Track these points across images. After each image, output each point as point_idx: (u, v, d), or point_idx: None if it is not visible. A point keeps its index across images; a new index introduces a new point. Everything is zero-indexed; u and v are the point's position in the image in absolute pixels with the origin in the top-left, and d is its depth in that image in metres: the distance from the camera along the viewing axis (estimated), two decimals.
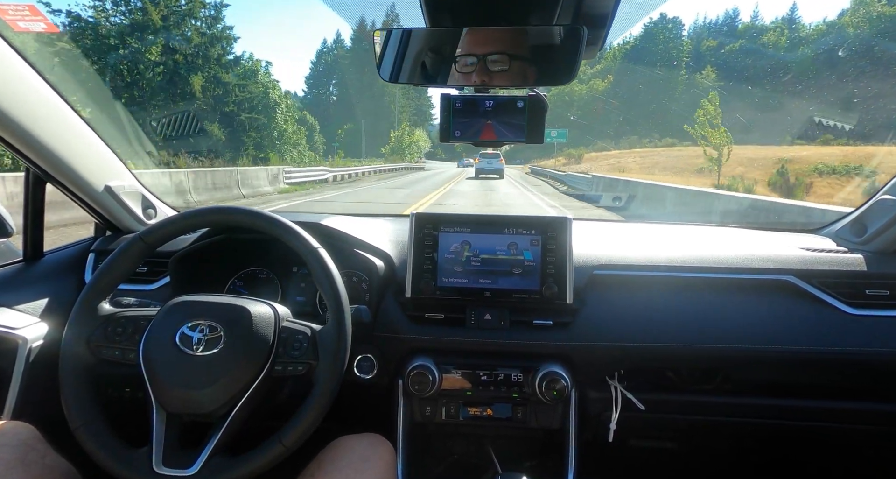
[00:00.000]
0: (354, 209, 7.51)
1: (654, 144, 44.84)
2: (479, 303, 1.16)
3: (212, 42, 26.28)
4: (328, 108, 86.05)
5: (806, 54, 49.69)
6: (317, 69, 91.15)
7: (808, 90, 44.41)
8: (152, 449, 0.79)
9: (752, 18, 71.08)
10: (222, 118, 25.72)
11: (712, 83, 55.22)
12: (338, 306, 0.87)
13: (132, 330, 0.86)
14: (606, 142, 48.71)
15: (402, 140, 49.62)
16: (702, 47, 65.14)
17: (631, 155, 37.91)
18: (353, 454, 0.89)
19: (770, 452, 1.39)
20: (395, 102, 78.16)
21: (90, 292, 0.88)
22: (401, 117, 73.38)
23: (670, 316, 1.16)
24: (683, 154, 30.64)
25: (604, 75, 64.16)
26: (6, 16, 1.37)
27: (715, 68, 57.93)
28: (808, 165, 19.68)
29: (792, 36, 58.72)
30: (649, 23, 62.36)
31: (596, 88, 63.04)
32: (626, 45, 66.06)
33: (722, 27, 71.20)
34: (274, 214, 0.94)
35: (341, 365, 0.85)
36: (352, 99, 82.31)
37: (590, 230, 1.39)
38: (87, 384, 0.83)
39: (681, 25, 68.00)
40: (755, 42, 60.44)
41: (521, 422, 1.16)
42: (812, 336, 1.12)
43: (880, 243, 1.25)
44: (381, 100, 77.05)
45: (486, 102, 0.91)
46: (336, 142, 61.37)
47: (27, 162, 1.16)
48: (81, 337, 0.85)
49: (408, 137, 50.17)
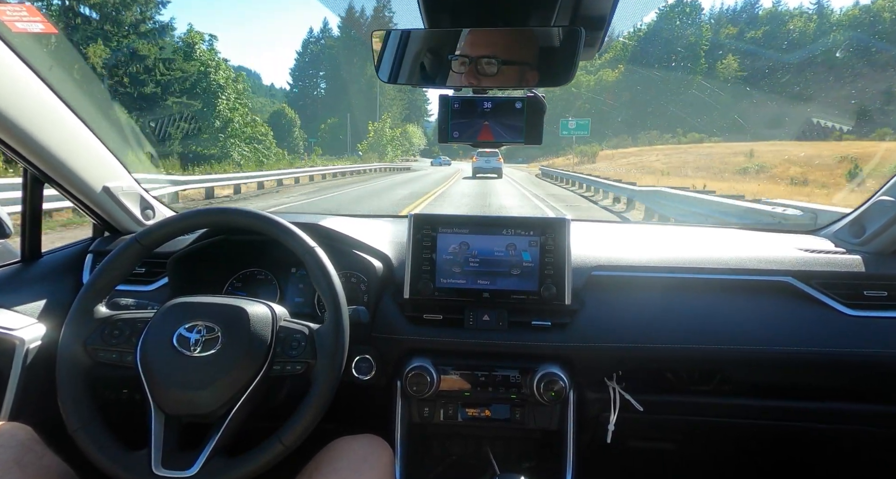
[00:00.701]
0: None
1: (677, 139, 40.95)
2: (478, 304, 1.16)
3: (125, 4, 20.50)
4: (315, 102, 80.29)
5: (837, 41, 45.82)
6: (303, 60, 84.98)
7: (841, 81, 39.95)
8: (151, 451, 0.79)
9: (775, 3, 66.79)
10: (137, 102, 20.17)
11: (734, 73, 51.47)
12: (335, 305, 0.87)
13: (129, 332, 0.86)
14: (621, 137, 43.74)
15: (382, 134, 42.81)
16: (721, 36, 60.85)
17: (653, 152, 33.59)
18: (351, 454, 0.89)
19: (768, 453, 1.39)
20: (377, 89, 67.28)
21: (86, 294, 0.88)
22: (386, 107, 64.82)
23: (669, 317, 1.16)
24: (715, 152, 27.59)
25: (614, 65, 59.66)
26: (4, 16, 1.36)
27: (737, 57, 53.89)
28: (888, 163, 15.32)
29: (821, 23, 53.80)
30: (664, 7, 58.12)
31: (606, 79, 58.64)
32: (640, 33, 61.19)
33: (741, 14, 66.94)
34: (271, 214, 0.94)
35: (339, 364, 0.85)
36: (339, 91, 76.76)
37: (588, 231, 1.39)
38: (85, 387, 0.83)
39: (700, 8, 63.21)
40: (781, 29, 56.04)
41: (520, 423, 1.16)
42: (810, 337, 1.12)
43: (879, 244, 1.25)
44: (369, 92, 70.07)
45: (484, 103, 0.91)
46: (314, 138, 56.05)
47: (25, 163, 1.15)
48: (78, 340, 0.85)
49: (390, 130, 43.51)
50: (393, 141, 43.98)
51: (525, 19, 0.88)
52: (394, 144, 44.17)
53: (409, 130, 55.39)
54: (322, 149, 51.06)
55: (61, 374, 0.83)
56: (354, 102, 70.80)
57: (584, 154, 36.72)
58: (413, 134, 54.60)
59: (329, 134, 62.41)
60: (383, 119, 45.38)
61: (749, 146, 17.95)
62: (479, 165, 23.93)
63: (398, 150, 46.05)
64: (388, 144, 43.19)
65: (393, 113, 65.20)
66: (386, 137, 42.80)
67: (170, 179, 11.88)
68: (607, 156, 36.41)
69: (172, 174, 13.74)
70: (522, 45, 0.87)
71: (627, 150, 38.01)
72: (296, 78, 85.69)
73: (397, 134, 45.14)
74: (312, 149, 44.65)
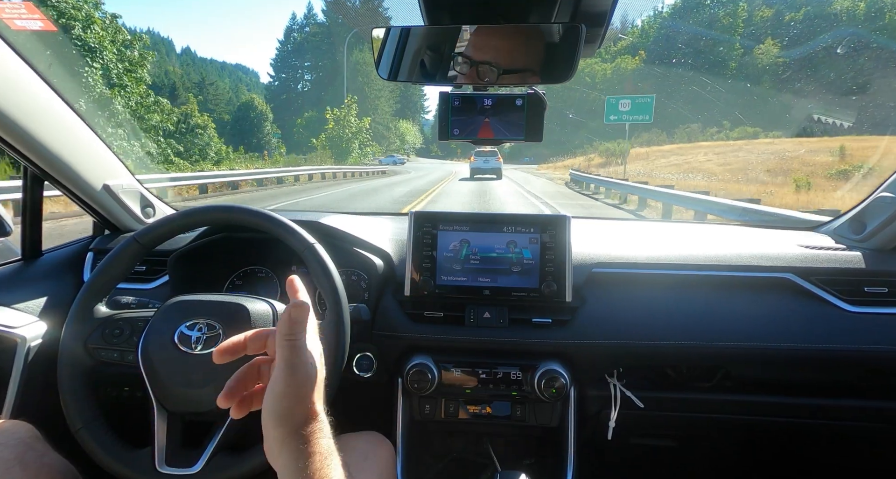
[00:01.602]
0: None
1: (724, 135, 33.62)
2: (479, 301, 1.16)
3: None
4: (300, 96, 74.06)
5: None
6: (285, 49, 78.30)
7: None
8: (154, 449, 0.79)
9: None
10: None
11: (773, 60, 44.37)
12: (335, 299, 0.87)
13: (130, 332, 0.86)
14: (654, 132, 34.11)
15: (345, 124, 31.88)
16: (755, 18, 51.04)
17: (698, 150, 26.75)
18: (352, 451, 0.90)
19: (769, 449, 1.40)
20: (363, 79, 58.31)
21: (86, 294, 0.88)
22: (372, 101, 57.30)
23: (669, 314, 1.16)
24: (786, 150, 21.01)
25: (633, 51, 53.11)
26: (3, 14, 1.36)
27: (777, 40, 45.94)
28: None
29: (871, 4, 42.46)
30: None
31: (625, 66, 51.48)
32: (662, 14, 53.98)
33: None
34: (271, 212, 0.94)
35: (342, 355, 0.85)
36: (325, 83, 68.77)
37: (589, 228, 1.39)
38: (86, 386, 0.84)
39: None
40: (824, 9, 46.31)
41: (520, 420, 1.16)
42: (811, 334, 1.12)
43: (879, 240, 1.25)
44: (353, 81, 60.97)
45: (484, 100, 0.91)
46: (279, 134, 47.90)
47: (25, 161, 1.15)
48: (79, 340, 0.85)
49: (356, 120, 32.86)
50: (361, 134, 33.39)
51: (525, 16, 0.88)
52: (362, 136, 33.75)
53: (402, 126, 49.52)
54: (299, 146, 43.01)
55: (62, 373, 0.83)
56: (338, 93, 58.60)
57: (610, 153, 29.28)
58: (407, 131, 49.32)
59: (308, 129, 51.80)
60: (348, 102, 33.80)
61: (837, 142, 12.97)
62: (476, 166, 21.76)
63: (372, 147, 36.57)
64: (356, 137, 32.78)
65: (381, 105, 56.19)
66: (351, 129, 32.39)
67: None
68: (641, 155, 28.58)
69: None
70: (523, 41, 0.86)
71: (664, 147, 30.49)
72: (277, 69, 79.13)
73: (366, 125, 34.32)
74: (276, 147, 36.29)
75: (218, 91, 59.84)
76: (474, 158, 21.98)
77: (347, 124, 32.44)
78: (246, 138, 41.12)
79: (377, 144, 39.91)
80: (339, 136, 32.04)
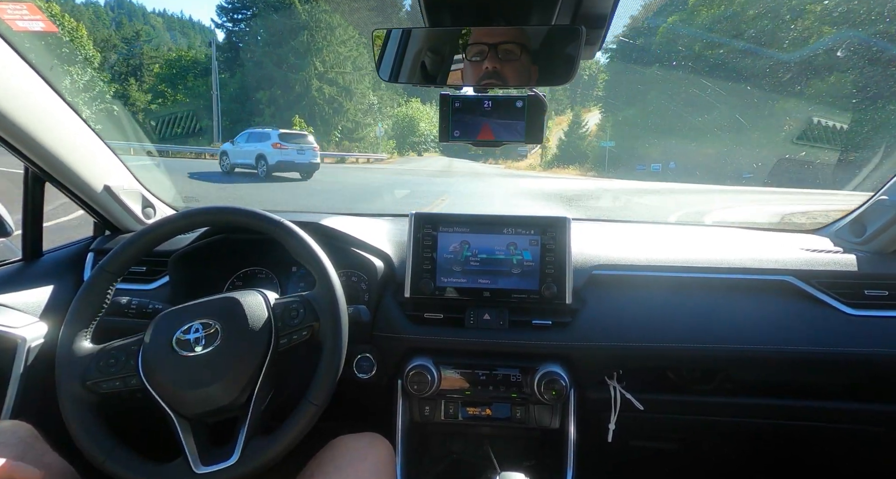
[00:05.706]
0: None
1: None
2: (479, 303, 1.16)
3: None
4: (254, 53, 36.88)
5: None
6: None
7: None
8: (187, 456, 0.77)
9: None
10: None
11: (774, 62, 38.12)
12: (321, 268, 0.87)
13: (125, 357, 0.83)
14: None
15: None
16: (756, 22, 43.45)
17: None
18: (352, 453, 0.90)
19: (770, 452, 1.40)
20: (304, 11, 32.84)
21: (68, 333, 0.84)
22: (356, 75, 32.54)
23: (669, 316, 1.16)
24: None
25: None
26: (5, 15, 1.36)
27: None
28: None
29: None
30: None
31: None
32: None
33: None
34: (228, 206, 0.93)
35: (342, 318, 0.85)
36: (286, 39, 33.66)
37: (589, 230, 1.39)
38: (96, 421, 0.80)
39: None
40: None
41: (520, 422, 1.16)
42: (811, 337, 1.12)
43: (879, 243, 1.25)
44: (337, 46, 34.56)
45: (484, 102, 0.91)
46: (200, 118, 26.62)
47: (26, 161, 1.16)
48: (75, 381, 0.81)
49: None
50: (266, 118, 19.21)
51: (526, 18, 0.88)
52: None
53: (412, 108, 33.57)
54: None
55: (69, 415, 0.80)
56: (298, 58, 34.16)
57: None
58: (420, 116, 33.60)
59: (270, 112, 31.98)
60: None
61: None
62: (281, 159, 12.39)
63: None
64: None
65: (359, 80, 33.25)
66: None
67: None
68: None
69: None
70: (523, 43, 0.87)
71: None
72: (226, 11, 41.10)
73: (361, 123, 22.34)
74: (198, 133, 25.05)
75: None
76: (280, 145, 12.42)
77: None
78: None
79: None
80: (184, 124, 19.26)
